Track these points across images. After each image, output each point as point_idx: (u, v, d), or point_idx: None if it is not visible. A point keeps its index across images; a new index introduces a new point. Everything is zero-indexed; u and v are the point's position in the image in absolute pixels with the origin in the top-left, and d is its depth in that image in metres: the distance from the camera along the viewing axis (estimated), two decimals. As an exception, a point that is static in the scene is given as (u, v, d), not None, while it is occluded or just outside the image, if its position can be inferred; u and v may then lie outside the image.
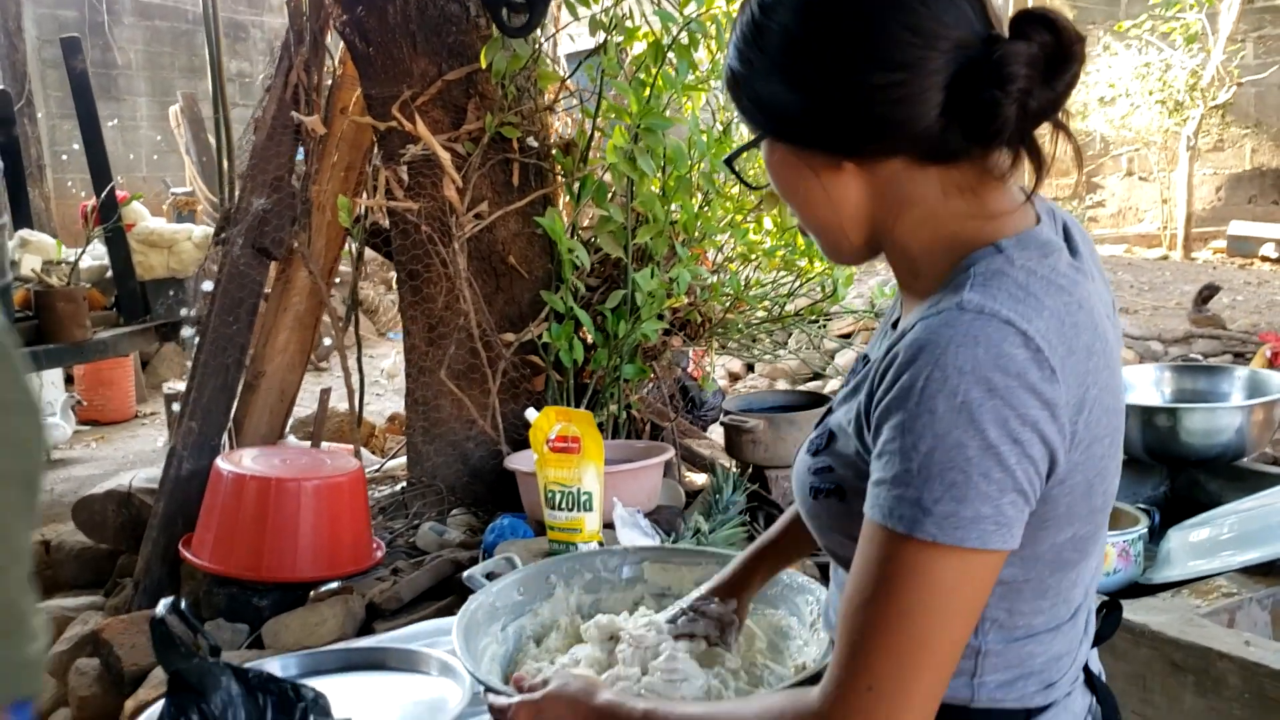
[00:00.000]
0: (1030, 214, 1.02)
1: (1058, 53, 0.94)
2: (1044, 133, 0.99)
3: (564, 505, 2.30)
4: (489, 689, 1.24)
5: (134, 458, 5.78)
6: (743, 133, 3.31)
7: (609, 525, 2.40)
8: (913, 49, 0.94)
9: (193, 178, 8.00)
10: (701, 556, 1.62)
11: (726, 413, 3.07)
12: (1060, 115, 0.97)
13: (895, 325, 1.12)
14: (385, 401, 6.45)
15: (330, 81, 3.36)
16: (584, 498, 2.28)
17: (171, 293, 4.88)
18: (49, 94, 9.70)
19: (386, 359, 7.60)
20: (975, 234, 0.99)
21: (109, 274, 5.09)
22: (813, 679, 1.08)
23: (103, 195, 4.83)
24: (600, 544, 2.30)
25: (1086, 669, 1.11)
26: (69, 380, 6.33)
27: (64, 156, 9.51)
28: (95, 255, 5.19)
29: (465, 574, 1.58)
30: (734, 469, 3.00)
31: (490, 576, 1.60)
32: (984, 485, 0.88)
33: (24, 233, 5.10)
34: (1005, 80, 0.93)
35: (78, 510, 3.13)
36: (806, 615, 1.46)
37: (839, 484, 1.05)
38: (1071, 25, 0.95)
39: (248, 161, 3.14)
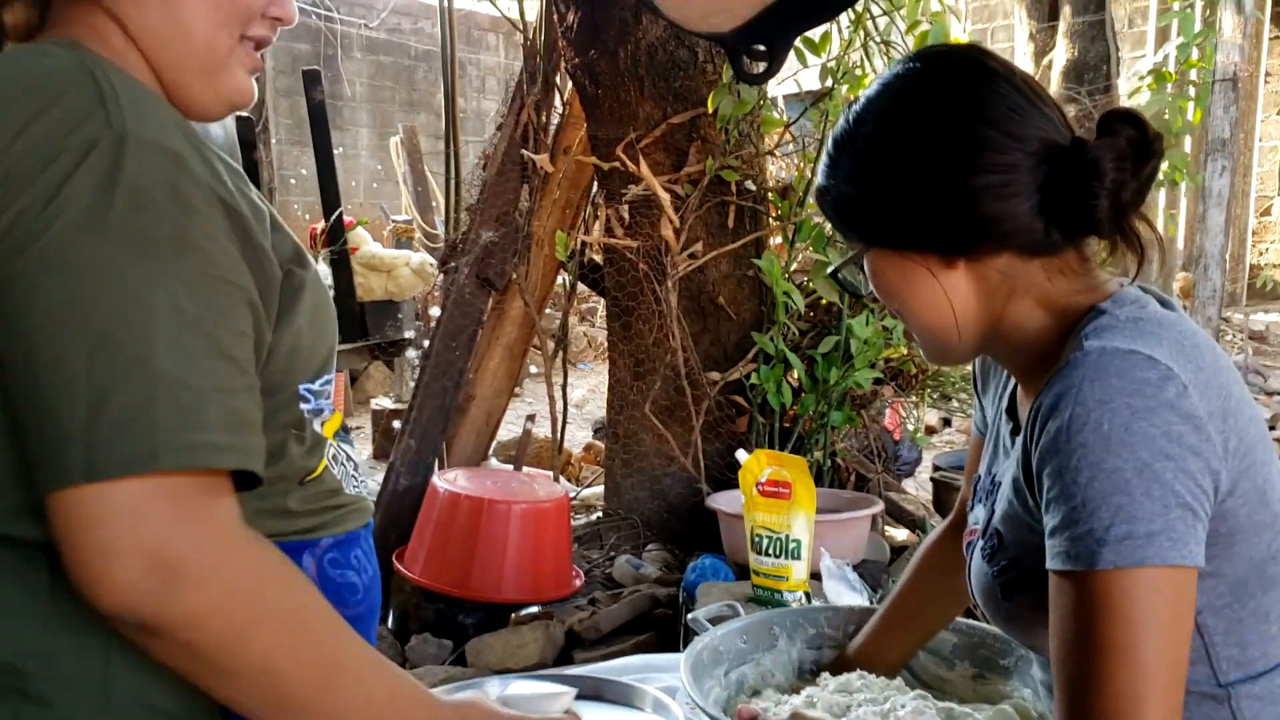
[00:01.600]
0: (1114, 281, 1.10)
1: (1142, 146, 1.01)
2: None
3: (771, 551, 2.28)
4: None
5: (339, 469, 6.04)
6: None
7: (815, 575, 2.37)
8: (1009, 152, 1.01)
9: (408, 206, 8.40)
10: (928, 619, 1.58)
11: (937, 468, 2.99)
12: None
13: (1013, 434, 1.17)
14: (573, 429, 6.56)
15: (556, 121, 3.48)
16: (792, 545, 2.26)
17: (395, 314, 5.12)
18: (280, 121, 10.38)
19: (575, 389, 7.75)
20: (1079, 305, 1.06)
21: (331, 293, 5.39)
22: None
23: (331, 220, 5.13)
24: (807, 594, 2.27)
25: None
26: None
27: (291, 181, 10.15)
28: (320, 275, 5.51)
29: (690, 615, 1.59)
30: (939, 527, 2.92)
31: (713, 620, 1.60)
32: (1148, 504, 0.90)
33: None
34: (1100, 174, 1.00)
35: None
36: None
37: (1028, 576, 1.07)
38: (1150, 123, 1.03)
39: (477, 195, 3.27)
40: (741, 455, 2.37)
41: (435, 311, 3.16)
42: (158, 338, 0.80)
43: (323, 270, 5.38)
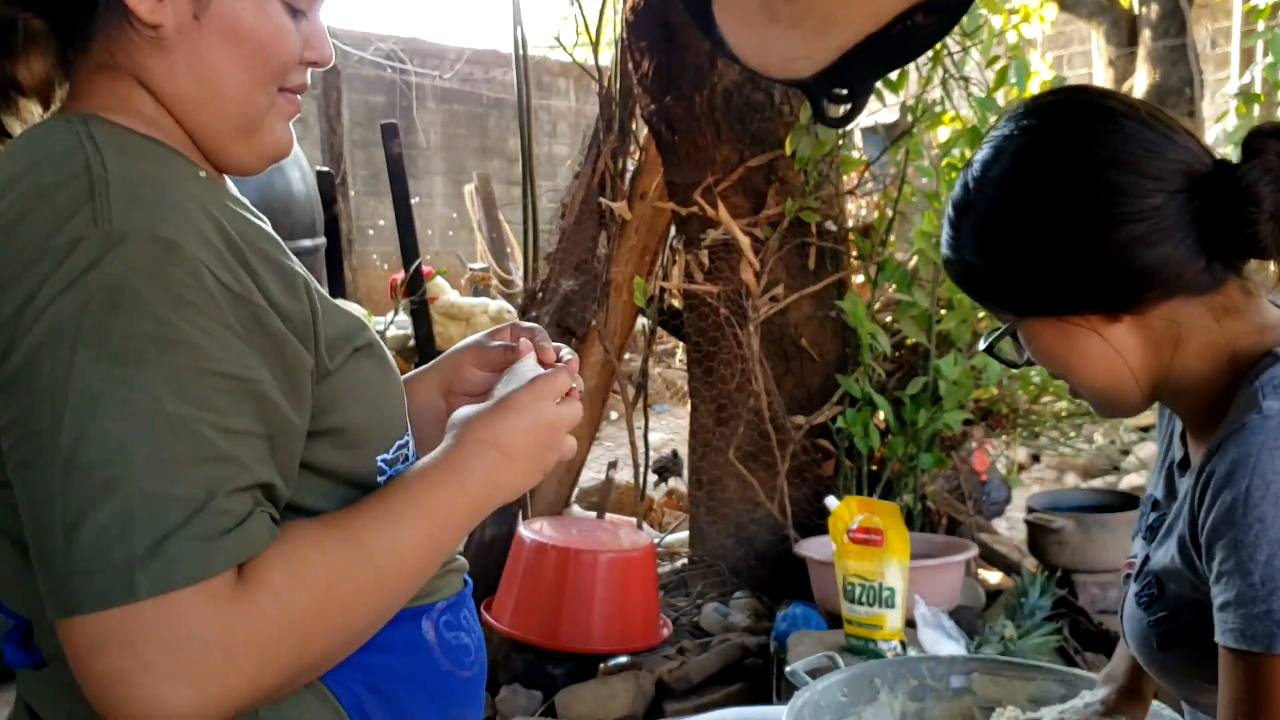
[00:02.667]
0: None
1: None
2: None
3: (864, 600, 2.24)
4: None
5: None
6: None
7: (910, 623, 2.32)
8: (1151, 195, 0.96)
9: (484, 253, 8.50)
10: (1036, 671, 1.53)
11: (1031, 510, 2.92)
12: None
13: (1181, 465, 1.12)
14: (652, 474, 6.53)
15: (633, 167, 3.49)
16: (886, 593, 2.21)
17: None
18: (357, 173, 10.59)
19: (654, 432, 7.72)
20: (1250, 348, 1.00)
21: (411, 342, 5.45)
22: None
23: (410, 270, 5.20)
24: (902, 643, 2.22)
25: None
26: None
27: (369, 231, 10.34)
28: (400, 325, 5.58)
29: (788, 669, 1.56)
30: (1039, 571, 2.84)
31: (812, 673, 1.56)
32: None
33: (339, 303, 5.54)
34: (1256, 199, 0.94)
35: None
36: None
37: (1187, 629, 1.02)
38: None
39: (556, 243, 3.29)
40: (831, 502, 2.33)
41: (518, 361, 3.16)
42: (134, 450, 0.75)
43: (403, 320, 5.45)
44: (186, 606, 0.76)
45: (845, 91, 2.14)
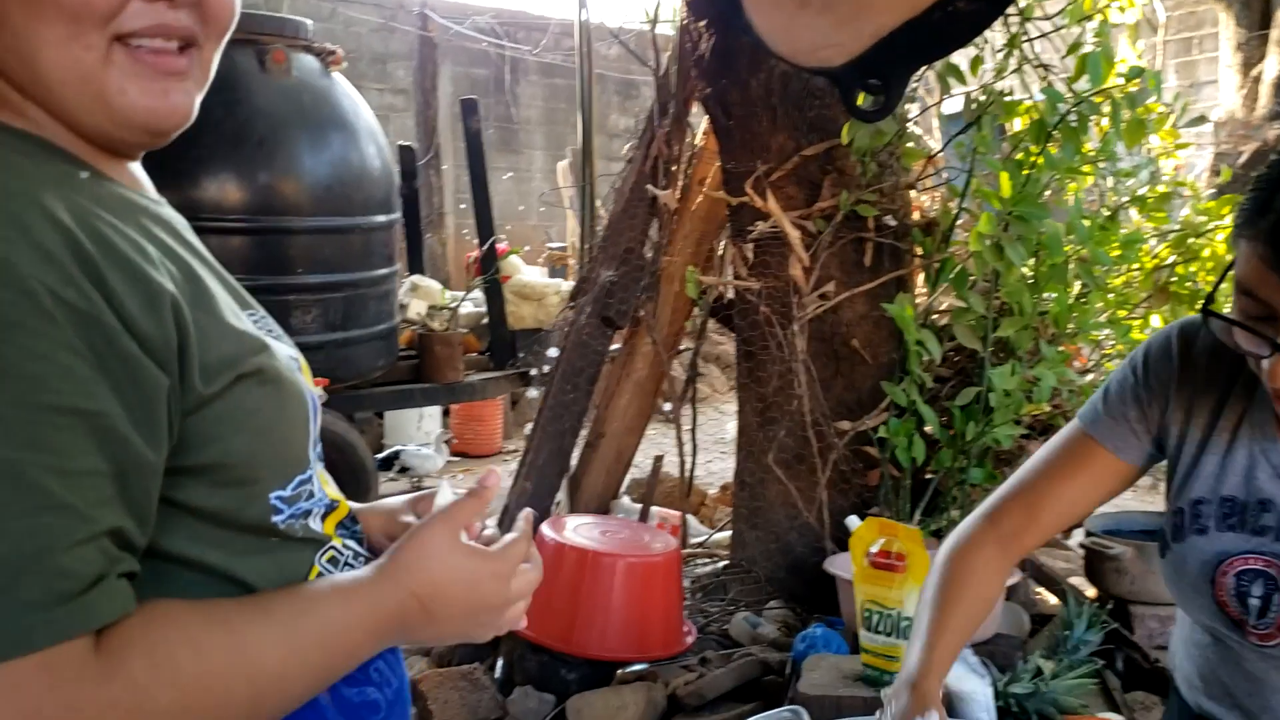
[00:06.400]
0: None
1: None
2: None
3: (881, 629, 2.09)
4: None
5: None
6: (1131, 216, 2.96)
7: (933, 655, 2.16)
8: None
9: (574, 231, 8.45)
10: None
11: (1089, 533, 2.72)
12: None
13: None
14: (726, 462, 6.39)
15: (691, 154, 3.36)
16: (904, 624, 2.06)
17: (545, 343, 5.14)
18: (458, 145, 10.62)
19: (732, 420, 7.58)
20: None
21: (484, 321, 5.43)
22: None
23: (484, 248, 5.16)
24: (920, 677, 2.06)
25: None
26: (446, 414, 6.80)
27: (462, 205, 10.37)
28: (476, 302, 5.55)
29: (748, 720, 1.43)
30: (1091, 600, 2.64)
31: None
32: None
33: (415, 278, 5.54)
34: None
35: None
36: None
37: None
38: None
39: (603, 231, 3.19)
40: (853, 522, 2.19)
41: (553, 353, 3.08)
42: None
43: (477, 297, 5.43)
44: (19, 679, 0.68)
45: (879, 82, 1.97)
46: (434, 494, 1.05)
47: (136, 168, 0.93)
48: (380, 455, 5.60)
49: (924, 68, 2.60)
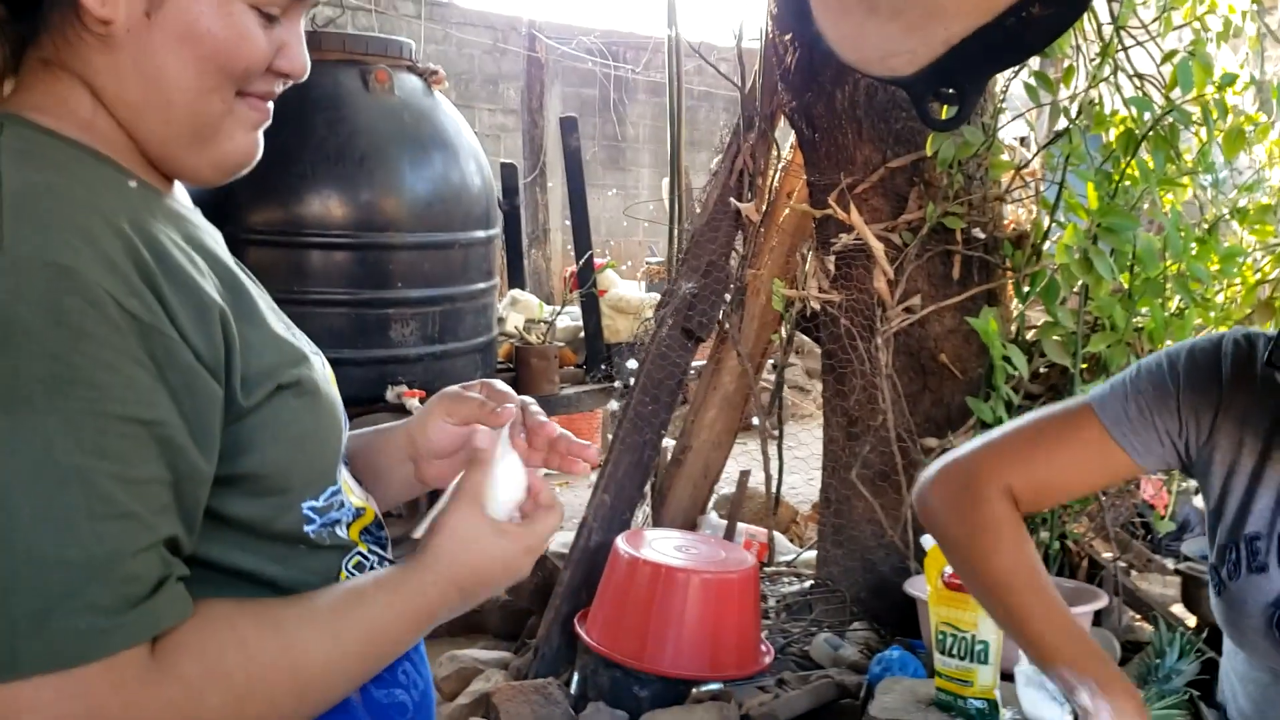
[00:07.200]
0: None
1: None
2: None
3: (955, 652, 2.03)
4: None
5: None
6: (1233, 229, 2.83)
7: (1008, 676, 2.08)
8: None
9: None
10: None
11: (1185, 557, 2.60)
12: None
13: None
14: (802, 482, 6.28)
15: (779, 167, 3.34)
16: (979, 648, 2.00)
17: (617, 355, 5.16)
18: (564, 164, 10.76)
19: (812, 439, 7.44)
20: None
21: (581, 334, 5.46)
22: None
23: (580, 263, 5.20)
24: (992, 703, 2.00)
25: None
26: (547, 428, 6.87)
27: (567, 222, 10.48)
28: (573, 316, 5.60)
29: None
30: (1189, 628, 2.52)
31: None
32: None
33: (514, 293, 5.61)
34: None
35: (500, 565, 3.30)
36: None
37: None
38: None
39: (686, 244, 3.19)
40: (927, 541, 2.13)
41: (633, 364, 3.08)
42: (21, 506, 0.68)
43: (575, 311, 5.47)
44: (85, 685, 0.70)
45: (952, 91, 1.93)
46: (461, 397, 1.04)
47: (175, 183, 0.97)
48: (480, 469, 5.68)
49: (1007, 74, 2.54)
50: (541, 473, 1.04)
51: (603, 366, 5.17)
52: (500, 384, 1.06)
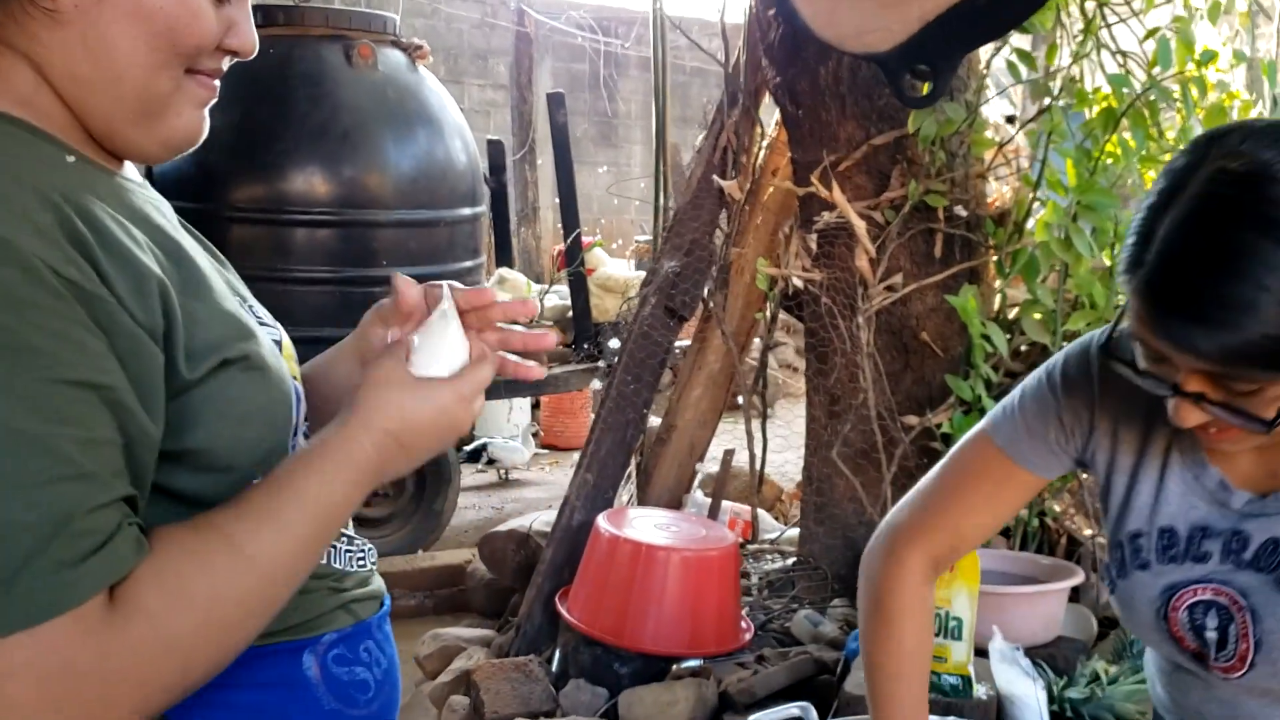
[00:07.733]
0: None
1: None
2: None
3: (930, 629, 2.03)
4: None
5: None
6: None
7: (982, 652, 2.10)
8: None
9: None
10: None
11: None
12: None
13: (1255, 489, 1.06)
14: (790, 460, 6.28)
15: (763, 145, 3.32)
16: (952, 624, 2.01)
17: (601, 334, 5.15)
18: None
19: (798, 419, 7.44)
20: None
21: (569, 314, 5.45)
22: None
23: (568, 241, 5.19)
24: (966, 678, 2.01)
25: None
26: (535, 407, 6.86)
27: (557, 199, 10.44)
28: (563, 295, 5.59)
29: (753, 718, 1.41)
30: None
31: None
32: None
33: (502, 271, 5.60)
34: None
35: (483, 544, 3.31)
36: None
37: None
38: None
39: (669, 222, 3.18)
40: (903, 518, 2.13)
41: (615, 344, 3.08)
42: None
43: (563, 290, 5.46)
44: (56, 637, 0.72)
45: (927, 68, 1.92)
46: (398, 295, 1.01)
47: (125, 161, 0.96)
48: (469, 447, 5.69)
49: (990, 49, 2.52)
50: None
51: (585, 345, 5.16)
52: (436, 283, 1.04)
